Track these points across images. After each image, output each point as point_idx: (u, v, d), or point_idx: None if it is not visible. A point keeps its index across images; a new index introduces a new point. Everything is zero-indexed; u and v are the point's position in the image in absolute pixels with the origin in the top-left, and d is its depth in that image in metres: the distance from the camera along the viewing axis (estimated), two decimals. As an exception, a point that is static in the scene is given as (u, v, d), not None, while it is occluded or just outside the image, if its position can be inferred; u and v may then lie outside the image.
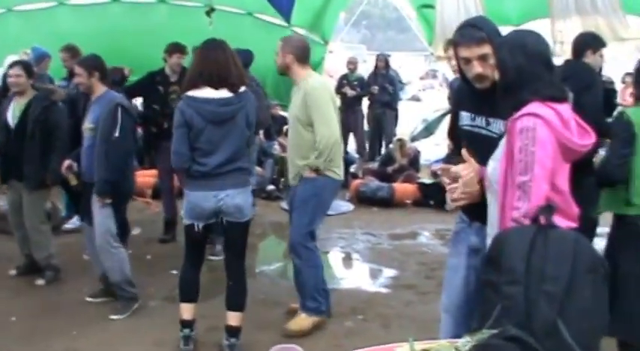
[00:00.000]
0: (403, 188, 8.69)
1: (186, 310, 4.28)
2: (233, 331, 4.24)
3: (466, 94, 3.12)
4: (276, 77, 7.83)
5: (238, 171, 4.14)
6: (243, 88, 4.10)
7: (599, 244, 4.32)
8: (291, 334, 4.54)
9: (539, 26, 9.79)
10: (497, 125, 2.93)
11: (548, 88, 2.53)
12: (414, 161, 9.10)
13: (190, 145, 4.01)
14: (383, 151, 11.27)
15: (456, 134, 3.28)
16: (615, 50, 9.00)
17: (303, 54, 4.58)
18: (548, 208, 1.95)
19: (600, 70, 5.55)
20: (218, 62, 4.01)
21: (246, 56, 6.23)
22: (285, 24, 8.26)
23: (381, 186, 8.78)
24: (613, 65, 9.06)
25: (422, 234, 7.50)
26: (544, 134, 2.41)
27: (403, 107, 13.08)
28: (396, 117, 11.85)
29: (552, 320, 1.84)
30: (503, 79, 2.65)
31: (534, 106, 2.48)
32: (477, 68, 2.86)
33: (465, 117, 3.09)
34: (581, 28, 9.16)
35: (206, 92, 3.99)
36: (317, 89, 4.49)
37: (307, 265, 4.62)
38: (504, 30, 3.08)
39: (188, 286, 4.30)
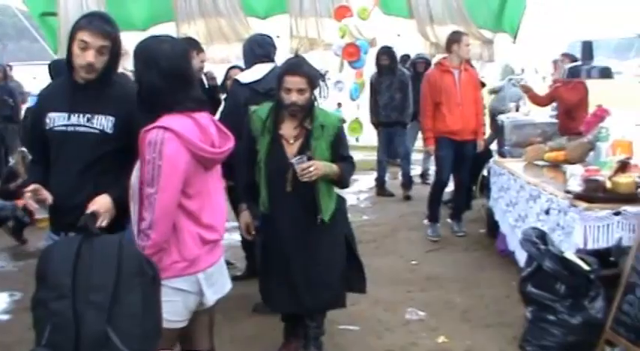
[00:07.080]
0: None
1: None
2: None
3: (58, 94, 3.03)
4: None
5: None
6: None
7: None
8: None
9: (166, 29, 9.92)
10: (99, 121, 2.92)
11: (184, 102, 2.56)
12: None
13: None
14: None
15: (36, 142, 3.14)
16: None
17: None
18: (91, 216, 1.93)
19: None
20: None
21: None
22: None
23: (4, 205, 8.14)
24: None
25: (50, 250, 7.11)
26: (172, 148, 2.44)
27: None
28: (18, 130, 11.15)
29: (102, 330, 1.83)
30: (139, 90, 2.64)
31: (169, 117, 2.50)
32: (89, 57, 2.83)
33: (57, 118, 2.98)
34: (204, 30, 9.51)
35: None
36: None
37: None
38: (131, 36, 3.01)
39: None
